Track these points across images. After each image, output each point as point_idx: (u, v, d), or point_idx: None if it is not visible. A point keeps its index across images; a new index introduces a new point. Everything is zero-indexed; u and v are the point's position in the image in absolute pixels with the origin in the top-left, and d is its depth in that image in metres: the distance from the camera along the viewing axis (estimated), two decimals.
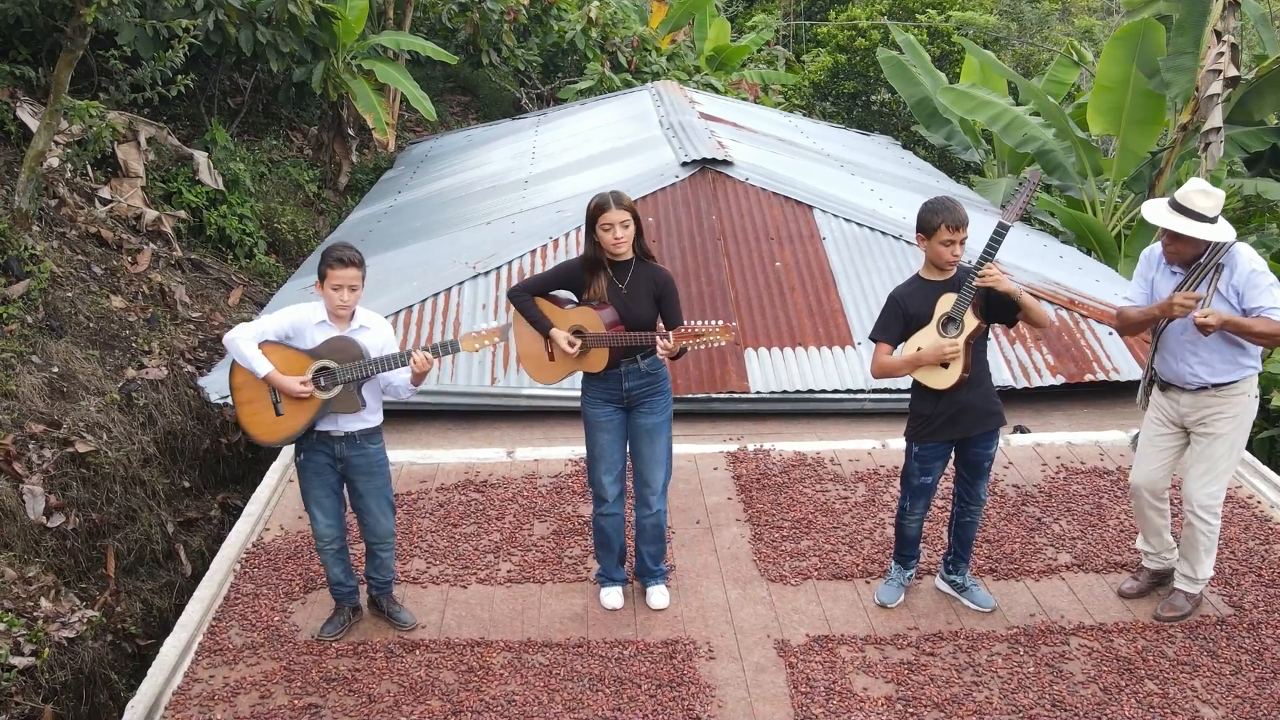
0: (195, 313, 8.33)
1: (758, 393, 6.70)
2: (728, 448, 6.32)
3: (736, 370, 6.80)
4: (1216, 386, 4.39)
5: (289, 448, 5.40)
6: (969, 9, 22.14)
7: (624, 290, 4.49)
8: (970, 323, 4.29)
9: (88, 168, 8.85)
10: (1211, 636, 4.50)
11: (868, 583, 4.97)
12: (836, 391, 6.72)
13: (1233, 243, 4.31)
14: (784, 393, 6.71)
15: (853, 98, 21.67)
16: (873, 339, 4.51)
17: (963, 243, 4.29)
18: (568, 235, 7.71)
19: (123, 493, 6.50)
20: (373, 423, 4.44)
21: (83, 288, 7.57)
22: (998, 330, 4.90)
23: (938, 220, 4.25)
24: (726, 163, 8.49)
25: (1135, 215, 12.28)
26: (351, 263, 4.24)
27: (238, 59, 11.14)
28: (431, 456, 6.26)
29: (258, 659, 4.50)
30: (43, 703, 5.00)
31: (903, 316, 4.40)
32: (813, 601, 4.84)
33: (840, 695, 4.20)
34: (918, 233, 4.35)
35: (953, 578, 4.82)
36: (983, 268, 4.20)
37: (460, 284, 7.34)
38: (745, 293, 7.35)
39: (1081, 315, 7.11)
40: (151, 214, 8.91)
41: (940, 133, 15.60)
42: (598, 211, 4.43)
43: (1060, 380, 6.72)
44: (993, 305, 4.34)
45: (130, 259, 8.29)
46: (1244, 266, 4.26)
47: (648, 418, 4.62)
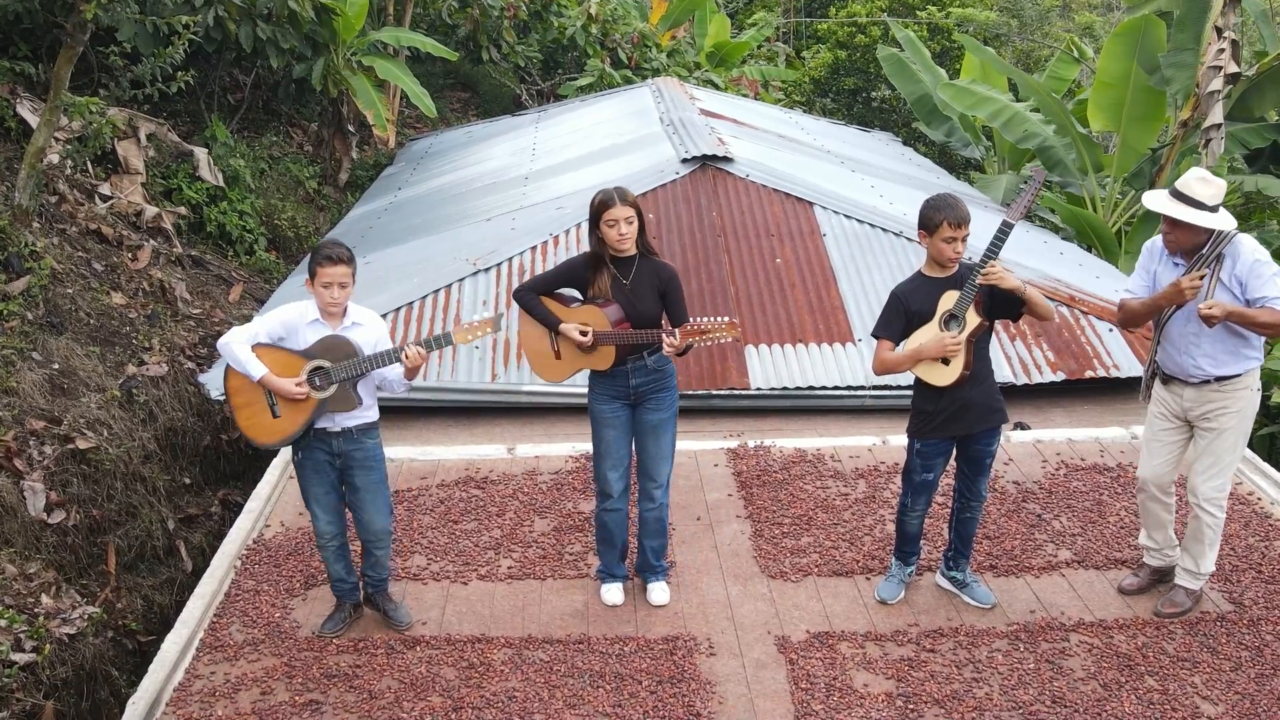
0: (196, 309, 8.33)
1: (758, 389, 6.70)
2: (728, 444, 6.32)
3: (737, 367, 6.80)
4: (1220, 379, 4.38)
5: None
6: (969, 5, 22.09)
7: (628, 286, 4.49)
8: (972, 320, 4.29)
9: (88, 164, 8.84)
10: (1211, 633, 4.51)
11: (868, 579, 4.98)
12: (837, 388, 6.72)
13: (1235, 233, 4.30)
14: (784, 389, 6.71)
15: (853, 94, 21.64)
16: (875, 336, 4.52)
17: (964, 240, 4.30)
18: (568, 232, 7.70)
19: (123, 489, 6.50)
20: (369, 418, 4.44)
21: (83, 284, 7.57)
22: (997, 326, 4.90)
23: (939, 217, 4.25)
24: (727, 159, 8.49)
25: (1136, 211, 12.27)
26: (340, 260, 4.23)
27: (238, 55, 11.13)
28: (432, 453, 6.27)
29: (259, 655, 4.50)
30: (44, 699, 5.00)
31: (905, 313, 4.40)
32: (813, 598, 4.85)
33: (841, 691, 4.20)
34: (920, 230, 4.35)
35: (953, 574, 4.83)
36: (985, 265, 4.20)
37: (460, 280, 7.34)
38: (746, 289, 7.35)
39: (1082, 312, 7.12)
40: (152, 210, 8.90)
41: (940, 129, 15.58)
42: (602, 208, 4.42)
43: (1061, 377, 6.72)
44: (997, 302, 4.34)
45: (130, 255, 8.29)
46: (1247, 257, 4.25)
47: (654, 414, 4.62)
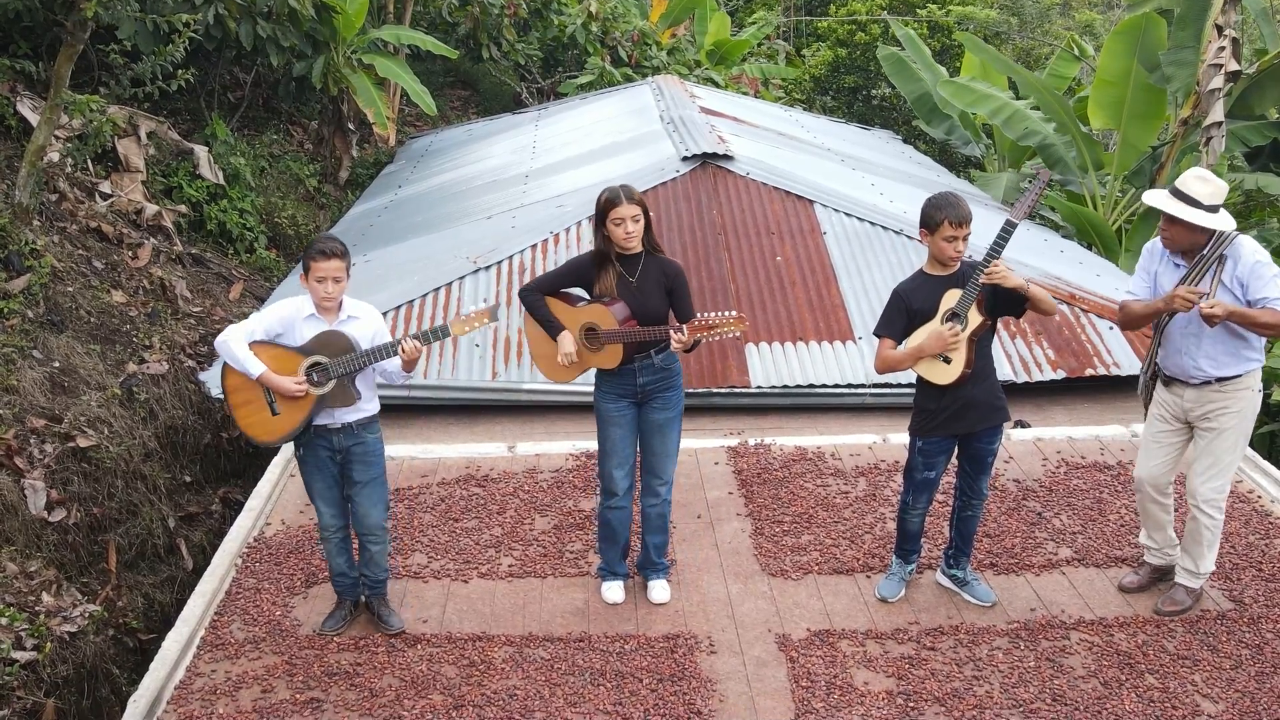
0: (196, 307, 8.32)
1: (758, 387, 6.71)
2: (728, 442, 6.32)
3: (737, 365, 6.80)
4: (1221, 380, 4.38)
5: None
6: (969, 3, 22.08)
7: (634, 284, 4.49)
8: (974, 319, 4.29)
9: (88, 162, 8.84)
10: (1212, 631, 4.51)
11: (868, 577, 4.98)
12: (837, 386, 6.72)
13: (1235, 234, 4.31)
14: (785, 387, 6.71)
15: (853, 92, 21.62)
16: (877, 334, 4.52)
17: (966, 239, 4.30)
18: (568, 230, 7.70)
19: (124, 487, 6.50)
20: (369, 412, 4.44)
21: (83, 282, 7.56)
22: (998, 324, 4.90)
23: (941, 216, 4.25)
24: (727, 157, 8.49)
25: (1136, 209, 12.27)
26: (334, 254, 4.22)
27: (238, 53, 11.11)
28: (432, 451, 6.27)
29: (259, 653, 4.50)
30: (44, 697, 5.00)
31: (907, 312, 4.40)
32: (813, 596, 4.85)
33: (841, 690, 4.20)
34: (921, 228, 4.36)
35: (953, 572, 4.83)
36: (989, 264, 4.20)
37: (461, 278, 7.34)
38: (746, 287, 7.35)
39: (1082, 310, 7.11)
40: (152, 209, 8.90)
41: (941, 127, 15.58)
42: (608, 206, 4.41)
43: (1061, 375, 6.72)
44: (1000, 300, 4.34)
45: (131, 254, 8.28)
46: (1248, 258, 4.26)
47: (661, 412, 4.62)
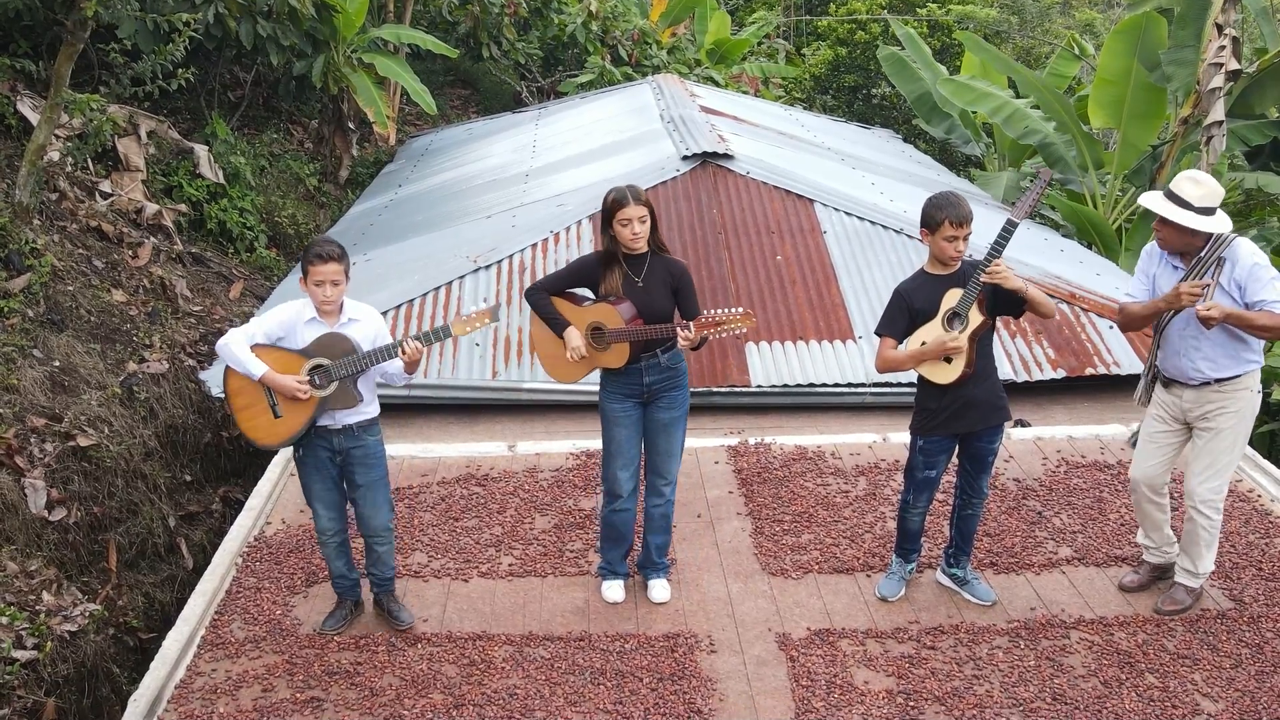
0: (196, 306, 8.32)
1: (758, 386, 6.71)
2: (728, 441, 6.32)
3: (737, 364, 6.81)
4: (1219, 381, 4.39)
5: None
6: (969, 2, 22.08)
7: (640, 284, 4.49)
8: (975, 318, 4.29)
9: (88, 161, 8.84)
10: (1212, 630, 4.51)
11: (869, 576, 4.98)
12: (837, 385, 6.72)
13: (1233, 236, 4.31)
14: (785, 386, 6.72)
15: (853, 91, 21.62)
16: (878, 334, 4.52)
17: (966, 238, 4.30)
18: (568, 229, 7.70)
19: (124, 486, 6.50)
20: (370, 414, 4.44)
21: (84, 281, 7.56)
22: (998, 323, 4.91)
23: (942, 216, 4.25)
24: (727, 156, 8.49)
25: (1136, 209, 12.26)
26: (331, 257, 4.21)
27: (238, 52, 11.11)
28: (433, 450, 6.27)
29: (260, 653, 4.51)
30: (45, 696, 5.00)
31: (908, 311, 4.40)
32: (814, 595, 4.85)
33: (841, 688, 4.21)
34: (922, 228, 4.36)
35: (954, 571, 4.83)
36: (990, 264, 4.20)
37: (461, 278, 7.34)
38: (746, 286, 7.35)
39: (1083, 309, 7.12)
40: (152, 208, 8.90)
41: (941, 126, 15.58)
42: (615, 207, 4.41)
43: (1061, 374, 6.72)
44: (999, 299, 4.34)
45: (131, 253, 8.28)
46: (1245, 260, 4.26)
47: (666, 412, 4.62)
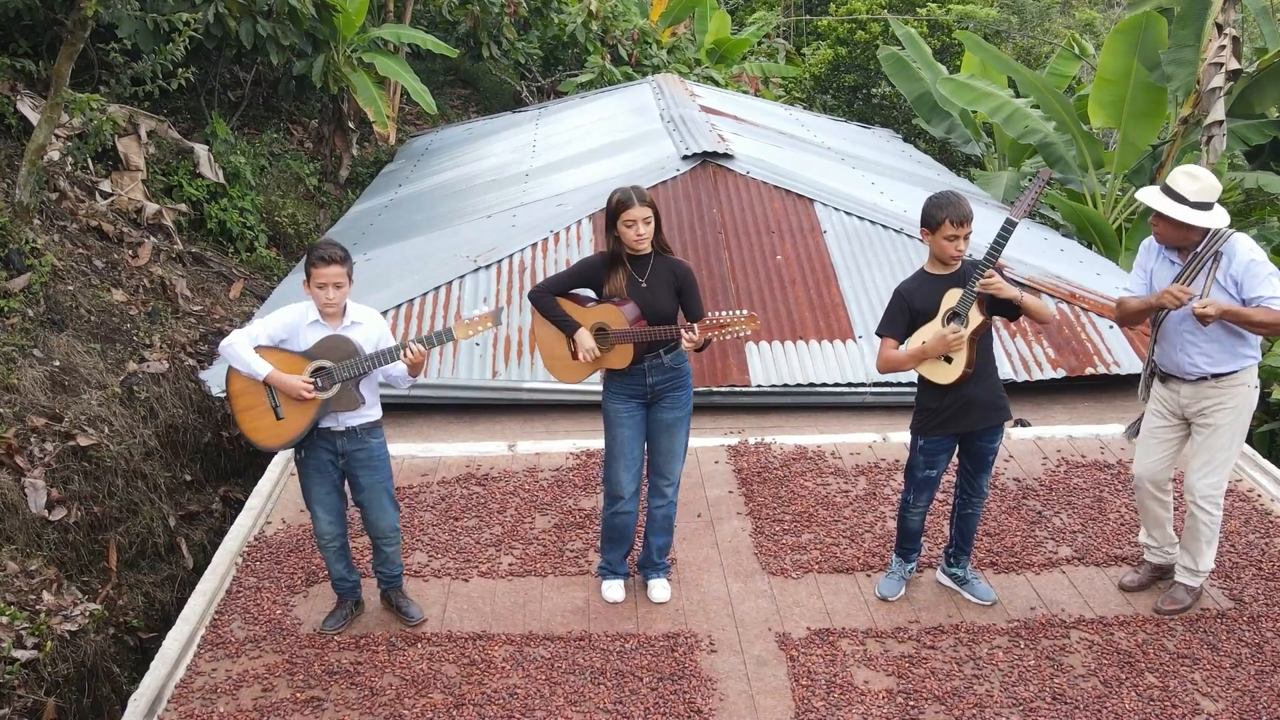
0: (196, 306, 8.33)
1: (758, 386, 6.71)
2: (729, 441, 6.32)
3: (737, 364, 6.81)
4: (1216, 377, 4.39)
5: None
6: (969, 2, 22.08)
7: (644, 285, 4.49)
8: (975, 318, 4.29)
9: (88, 161, 8.84)
10: (1212, 630, 4.51)
11: (869, 576, 4.98)
12: (837, 385, 6.72)
13: (1231, 232, 4.31)
14: (785, 386, 6.72)
15: (853, 91, 21.61)
16: (879, 334, 4.52)
17: (967, 238, 4.30)
18: (568, 229, 7.70)
19: (124, 486, 6.50)
20: (372, 416, 4.44)
21: (84, 281, 7.57)
22: (998, 324, 4.91)
23: (942, 215, 4.25)
24: (727, 156, 8.49)
25: (1136, 208, 12.27)
26: (334, 260, 4.21)
27: (238, 52, 11.11)
28: (433, 450, 6.27)
29: (260, 652, 4.51)
30: (45, 696, 5.00)
31: (908, 311, 4.40)
32: (814, 595, 4.85)
33: (841, 688, 4.21)
34: (922, 227, 4.36)
35: (954, 571, 4.83)
36: (987, 269, 4.20)
37: (461, 277, 7.34)
38: (746, 286, 7.35)
39: (1082, 309, 7.11)
40: (152, 207, 8.90)
41: (941, 126, 15.58)
42: (620, 208, 4.40)
43: (1061, 374, 6.72)
44: (996, 302, 4.35)
45: (131, 252, 8.28)
46: (1243, 256, 4.26)
47: (670, 412, 4.62)
